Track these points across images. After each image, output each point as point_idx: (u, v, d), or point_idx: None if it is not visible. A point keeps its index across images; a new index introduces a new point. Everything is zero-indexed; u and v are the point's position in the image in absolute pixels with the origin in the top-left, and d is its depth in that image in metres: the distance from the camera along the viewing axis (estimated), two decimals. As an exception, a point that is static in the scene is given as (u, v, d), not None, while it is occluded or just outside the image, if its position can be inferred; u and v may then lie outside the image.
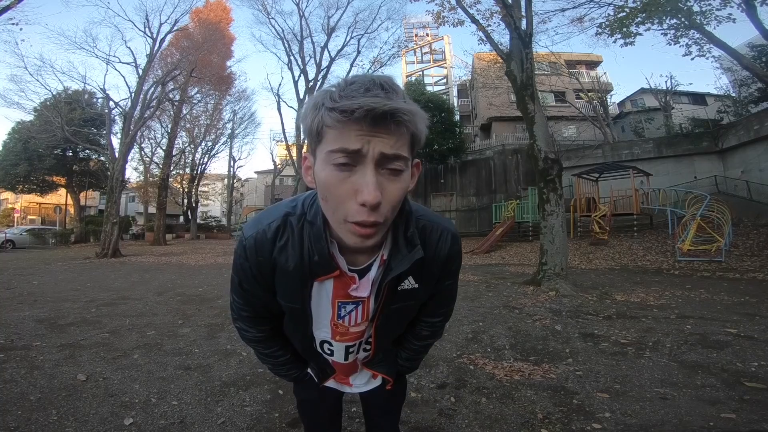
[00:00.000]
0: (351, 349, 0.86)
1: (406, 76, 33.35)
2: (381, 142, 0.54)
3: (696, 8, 8.50)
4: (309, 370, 0.98)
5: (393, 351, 0.97)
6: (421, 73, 36.23)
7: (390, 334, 0.88)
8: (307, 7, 21.22)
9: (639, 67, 71.12)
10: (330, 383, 0.98)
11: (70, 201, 25.35)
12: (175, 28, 15.07)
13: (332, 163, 0.55)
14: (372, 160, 0.54)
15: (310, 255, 0.68)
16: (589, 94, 20.84)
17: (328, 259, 0.67)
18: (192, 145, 26.32)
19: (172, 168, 23.64)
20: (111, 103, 14.70)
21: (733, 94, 19.79)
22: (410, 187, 0.63)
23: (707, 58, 9.62)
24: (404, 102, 0.55)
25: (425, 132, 0.60)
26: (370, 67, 21.86)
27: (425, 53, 38.78)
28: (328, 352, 0.87)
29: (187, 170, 27.69)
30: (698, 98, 24.28)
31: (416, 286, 0.75)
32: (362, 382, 0.99)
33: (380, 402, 1.04)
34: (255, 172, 44.16)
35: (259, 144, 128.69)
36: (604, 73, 24.90)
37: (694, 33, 8.93)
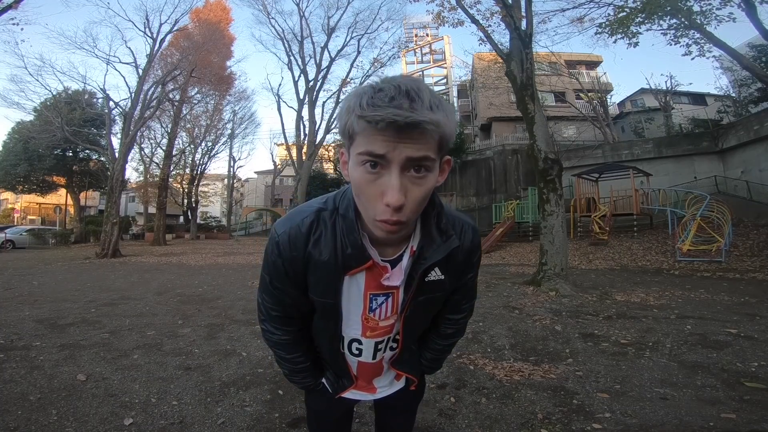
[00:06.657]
0: (379, 346, 0.86)
1: (407, 77, 33.38)
2: (407, 148, 0.56)
3: (696, 8, 8.50)
4: (323, 380, 0.96)
5: (417, 352, 0.98)
6: (421, 73, 36.29)
7: (417, 328, 0.90)
8: (307, 7, 21.28)
9: (639, 67, 71.23)
10: (349, 394, 0.96)
11: (70, 201, 25.32)
12: (175, 28, 15.06)
13: (361, 165, 0.59)
14: (398, 164, 0.57)
15: (343, 247, 0.70)
16: (589, 94, 20.84)
17: (361, 249, 0.70)
18: (192, 146, 26.29)
19: (172, 168, 23.59)
20: (111, 103, 14.69)
21: (733, 94, 19.81)
22: (440, 182, 0.66)
23: (707, 58, 9.62)
24: (429, 110, 0.55)
25: (455, 130, 0.64)
26: (370, 68, 21.88)
27: (425, 53, 38.86)
28: (356, 352, 0.87)
29: (187, 170, 27.67)
30: (698, 98, 24.27)
31: (442, 277, 0.78)
32: (385, 385, 0.97)
33: (399, 401, 1.03)
34: (255, 173, 44.12)
35: (259, 144, 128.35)
36: (604, 73, 24.96)
37: (694, 33, 8.91)
